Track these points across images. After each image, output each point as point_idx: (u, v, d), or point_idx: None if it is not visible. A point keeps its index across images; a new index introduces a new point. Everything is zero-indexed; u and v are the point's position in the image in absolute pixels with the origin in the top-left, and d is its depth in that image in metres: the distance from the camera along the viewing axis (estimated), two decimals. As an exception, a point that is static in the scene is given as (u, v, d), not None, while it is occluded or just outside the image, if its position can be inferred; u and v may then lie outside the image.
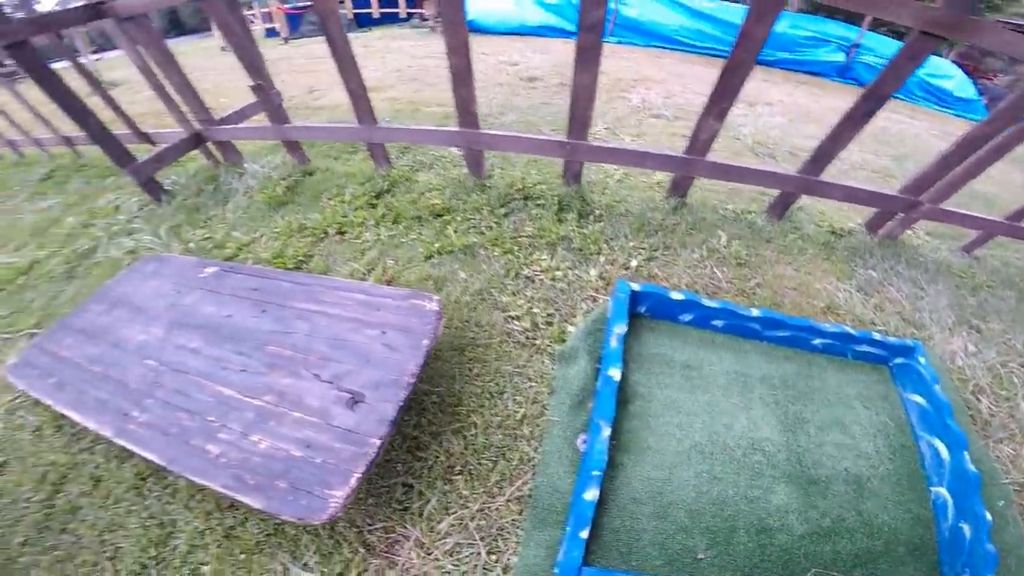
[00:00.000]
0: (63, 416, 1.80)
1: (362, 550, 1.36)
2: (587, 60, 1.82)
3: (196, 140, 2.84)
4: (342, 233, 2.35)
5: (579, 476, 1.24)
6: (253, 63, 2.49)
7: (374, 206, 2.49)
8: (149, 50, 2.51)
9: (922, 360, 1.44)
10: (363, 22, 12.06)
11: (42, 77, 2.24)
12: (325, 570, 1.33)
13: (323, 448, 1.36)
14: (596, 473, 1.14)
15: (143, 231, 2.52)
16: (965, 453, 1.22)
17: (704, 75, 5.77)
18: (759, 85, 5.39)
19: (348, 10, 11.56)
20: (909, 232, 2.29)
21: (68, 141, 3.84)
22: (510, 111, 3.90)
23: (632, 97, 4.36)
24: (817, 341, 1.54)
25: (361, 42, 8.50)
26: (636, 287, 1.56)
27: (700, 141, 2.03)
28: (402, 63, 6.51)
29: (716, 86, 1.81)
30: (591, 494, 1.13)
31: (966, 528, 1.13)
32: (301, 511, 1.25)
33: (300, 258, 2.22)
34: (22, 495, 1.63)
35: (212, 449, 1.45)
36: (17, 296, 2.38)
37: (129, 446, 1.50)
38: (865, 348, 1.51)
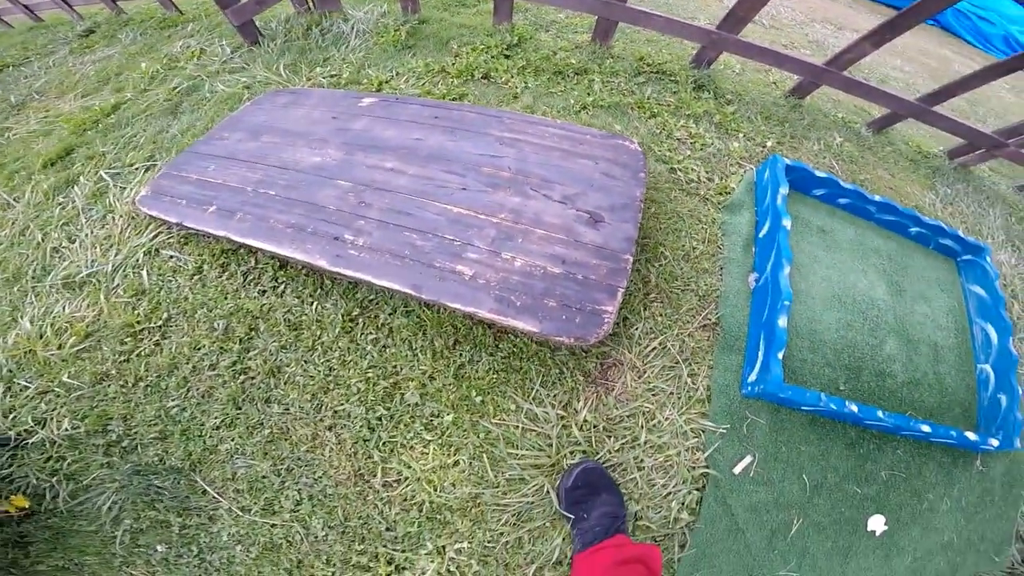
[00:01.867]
0: (230, 252, 1.33)
1: (581, 377, 1.20)
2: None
3: None
4: (487, 77, 1.97)
5: (765, 306, 1.25)
6: None
7: (508, 57, 2.09)
8: None
9: (988, 259, 1.54)
10: None
11: None
12: (554, 401, 1.16)
13: (580, 264, 1.13)
14: (787, 303, 1.15)
15: (251, 69, 1.97)
16: (1010, 338, 1.33)
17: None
18: (845, 11, 4.70)
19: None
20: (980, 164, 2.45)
21: None
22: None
23: (726, 1, 3.73)
24: (914, 229, 1.61)
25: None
26: (788, 161, 1.56)
27: (843, 59, 1.94)
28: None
29: (891, 20, 1.73)
30: (783, 321, 1.13)
31: (1003, 398, 1.25)
32: (577, 330, 1.03)
33: (453, 96, 1.84)
34: (204, 360, 1.26)
35: (463, 270, 1.10)
36: (113, 134, 1.90)
37: (355, 275, 1.18)
38: (948, 242, 1.60)
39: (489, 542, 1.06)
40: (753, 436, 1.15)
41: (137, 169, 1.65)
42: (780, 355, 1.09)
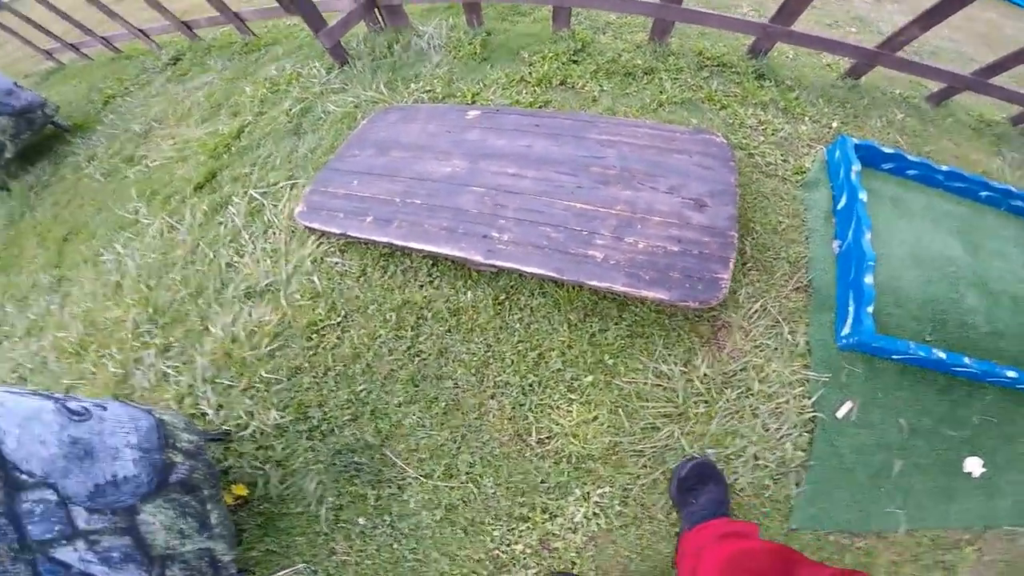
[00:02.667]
0: (387, 255, 1.59)
1: (696, 339, 1.40)
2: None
3: (370, 4, 2.39)
4: (564, 83, 2.17)
5: (850, 268, 1.40)
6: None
7: (577, 62, 2.28)
8: None
9: (1062, 219, 1.63)
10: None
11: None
12: (676, 360, 1.36)
13: (694, 242, 1.34)
14: (871, 263, 1.28)
15: (352, 89, 2.21)
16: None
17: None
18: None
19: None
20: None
21: (186, 26, 3.25)
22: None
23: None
24: (984, 193, 1.70)
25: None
26: (857, 141, 1.69)
27: (895, 42, 2.02)
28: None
29: (937, 6, 1.80)
30: (869, 279, 1.26)
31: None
32: (701, 295, 1.25)
33: (539, 104, 2.05)
34: (382, 347, 1.48)
35: (595, 254, 1.35)
36: (248, 155, 2.16)
37: (506, 265, 1.39)
38: (1019, 203, 1.68)
39: (628, 484, 1.26)
40: (851, 384, 1.32)
41: (282, 188, 1.92)
42: (869, 309, 1.25)
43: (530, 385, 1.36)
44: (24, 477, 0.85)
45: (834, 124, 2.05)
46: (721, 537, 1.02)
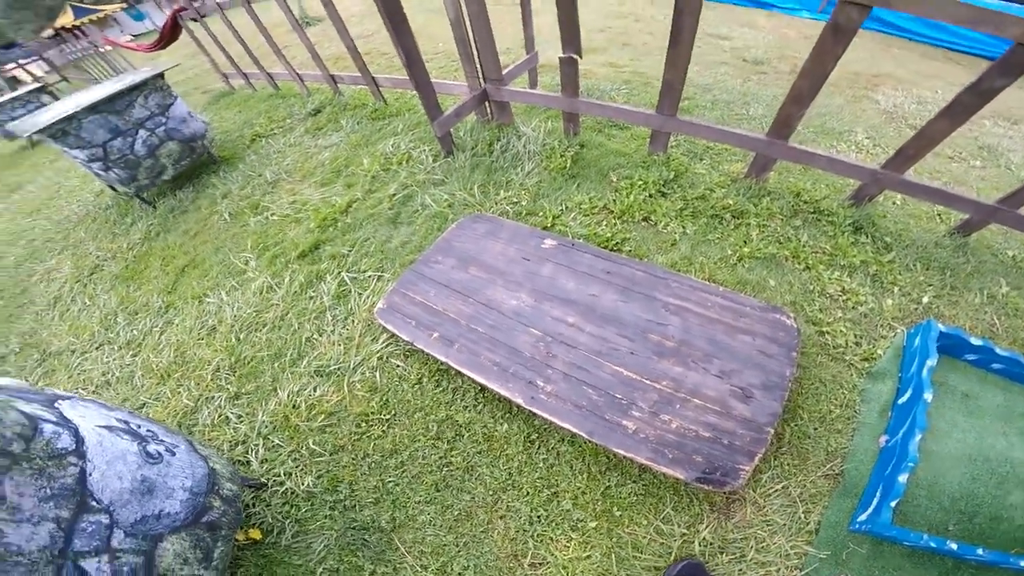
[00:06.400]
0: (443, 371, 1.84)
1: (707, 506, 1.47)
2: (958, 113, 1.73)
3: (482, 97, 2.72)
4: (647, 220, 2.29)
5: (890, 463, 1.43)
6: (571, 30, 2.23)
7: (665, 195, 2.40)
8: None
9: None
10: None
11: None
12: (680, 522, 1.45)
13: (727, 432, 1.43)
14: (911, 464, 1.33)
15: (450, 184, 2.54)
16: None
17: (956, 77, 4.49)
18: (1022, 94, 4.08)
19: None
20: None
21: (333, 79, 3.87)
22: (753, 101, 3.49)
23: (879, 99, 3.69)
24: None
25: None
26: (943, 328, 1.66)
27: (1021, 195, 1.88)
28: (601, 19, 5.86)
29: None
30: (903, 478, 1.31)
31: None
32: (716, 482, 1.35)
33: (616, 241, 2.19)
34: (419, 451, 1.69)
35: (628, 424, 1.49)
36: (349, 235, 2.51)
37: (543, 415, 1.54)
38: None
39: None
40: (850, 562, 1.36)
41: (370, 277, 2.21)
42: (893, 504, 1.29)
43: (538, 516, 1.50)
44: (93, 503, 1.02)
45: (924, 299, 1.94)
46: None
